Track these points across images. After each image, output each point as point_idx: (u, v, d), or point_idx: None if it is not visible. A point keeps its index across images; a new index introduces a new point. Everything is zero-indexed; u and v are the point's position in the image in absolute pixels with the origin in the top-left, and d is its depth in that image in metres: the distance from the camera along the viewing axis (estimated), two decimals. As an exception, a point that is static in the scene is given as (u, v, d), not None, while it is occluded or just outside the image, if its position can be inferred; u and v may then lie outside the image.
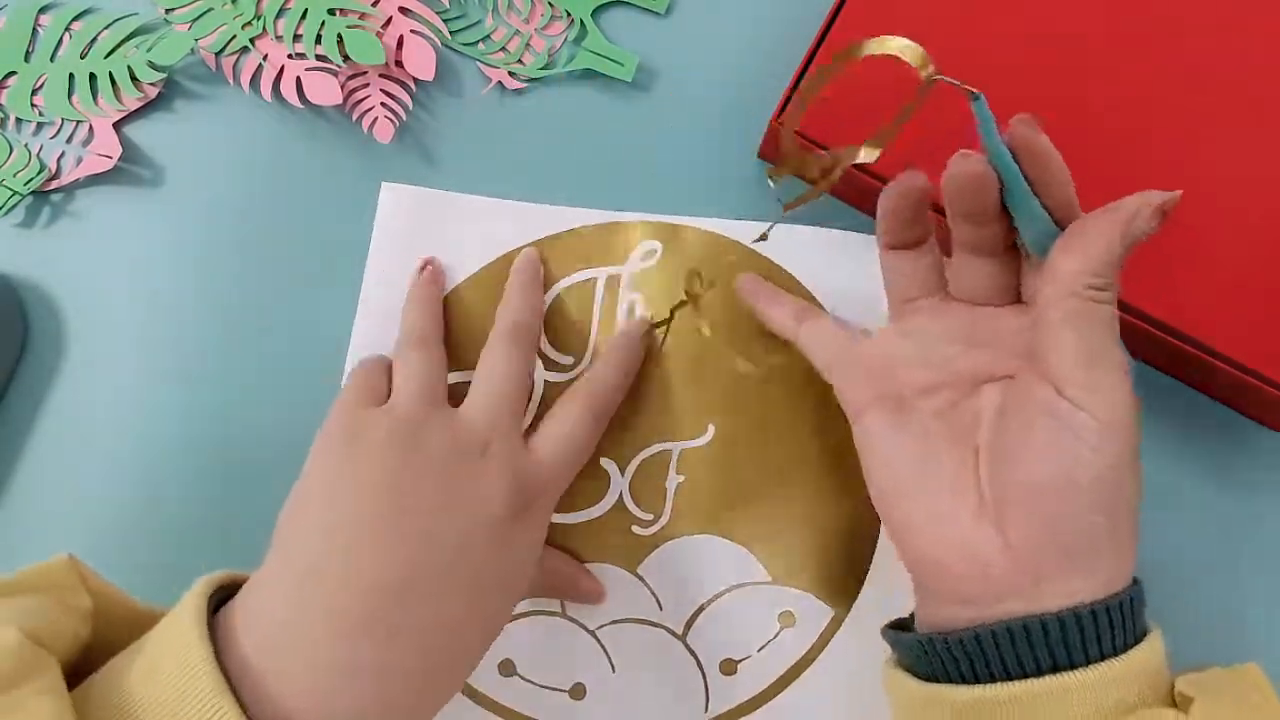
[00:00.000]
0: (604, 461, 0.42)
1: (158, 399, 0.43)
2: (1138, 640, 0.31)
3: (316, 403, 0.42)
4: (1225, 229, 0.40)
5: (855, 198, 0.45)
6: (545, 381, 0.42)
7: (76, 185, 0.45)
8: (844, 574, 0.41)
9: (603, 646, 0.41)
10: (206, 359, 0.43)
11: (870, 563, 0.41)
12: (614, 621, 0.41)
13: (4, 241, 0.44)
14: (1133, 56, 0.42)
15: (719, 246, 0.44)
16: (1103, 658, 0.30)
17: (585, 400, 0.39)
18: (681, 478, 0.42)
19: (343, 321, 0.43)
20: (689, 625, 0.41)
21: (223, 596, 0.32)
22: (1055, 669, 0.30)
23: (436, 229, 0.44)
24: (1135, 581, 0.32)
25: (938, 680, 0.32)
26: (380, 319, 0.43)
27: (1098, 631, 0.30)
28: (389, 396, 0.37)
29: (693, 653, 0.41)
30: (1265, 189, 0.40)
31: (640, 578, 0.41)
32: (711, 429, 0.42)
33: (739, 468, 0.42)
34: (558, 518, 0.41)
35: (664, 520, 0.42)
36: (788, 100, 0.41)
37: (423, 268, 0.43)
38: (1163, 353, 0.42)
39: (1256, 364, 0.39)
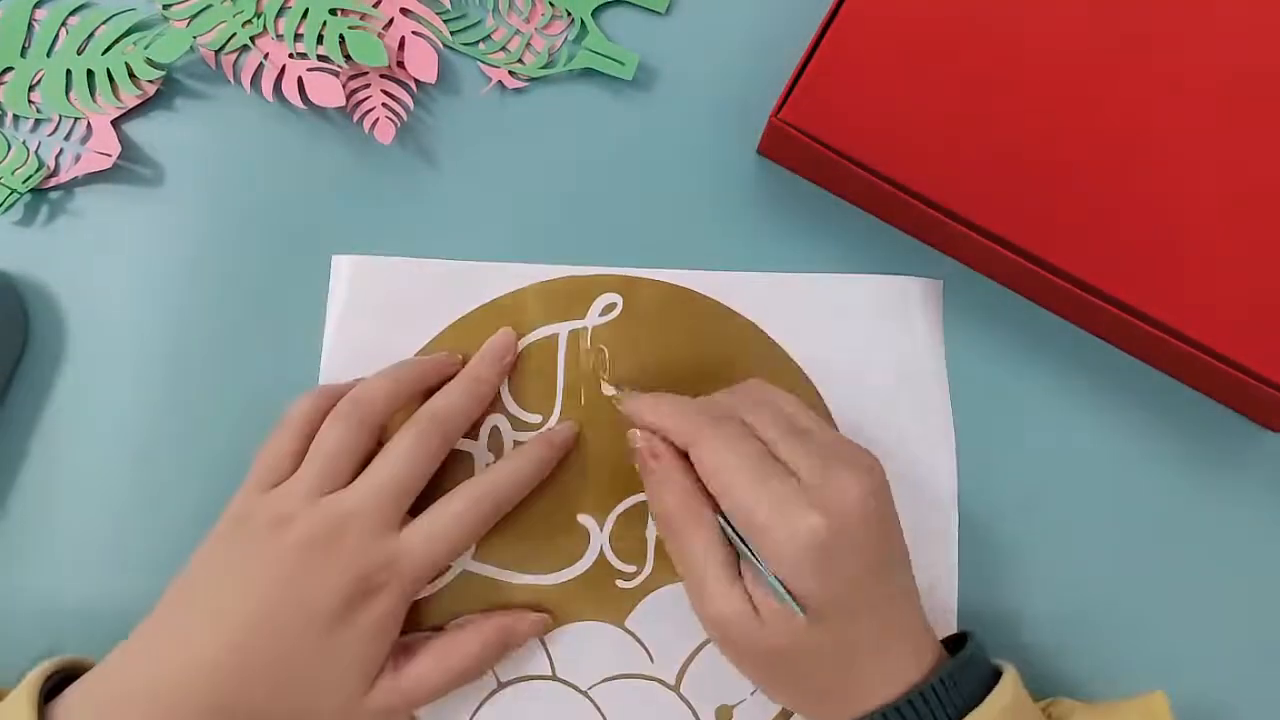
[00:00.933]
0: (582, 518, 0.42)
1: (157, 396, 0.43)
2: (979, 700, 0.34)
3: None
4: (1225, 229, 0.40)
5: (855, 196, 0.45)
6: (515, 442, 0.42)
7: (75, 183, 0.45)
8: None
9: (597, 706, 0.40)
10: (205, 357, 0.43)
11: None
12: (606, 679, 0.41)
13: (3, 239, 0.44)
14: (1132, 56, 0.42)
15: (677, 297, 0.44)
16: None
17: (472, 500, 0.38)
18: None
19: (343, 320, 0.43)
20: (681, 675, 0.41)
21: (62, 680, 0.35)
22: None
23: (392, 297, 0.43)
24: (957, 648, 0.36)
25: None
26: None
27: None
28: (293, 466, 0.38)
29: (687, 703, 0.40)
30: (1265, 189, 0.41)
31: (629, 631, 0.41)
32: None
33: None
34: (539, 579, 0.41)
35: (647, 571, 0.41)
36: (787, 98, 0.41)
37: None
38: (1163, 353, 0.42)
39: (1256, 364, 0.39)
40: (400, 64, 0.46)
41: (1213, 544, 0.42)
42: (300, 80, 0.45)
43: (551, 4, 0.47)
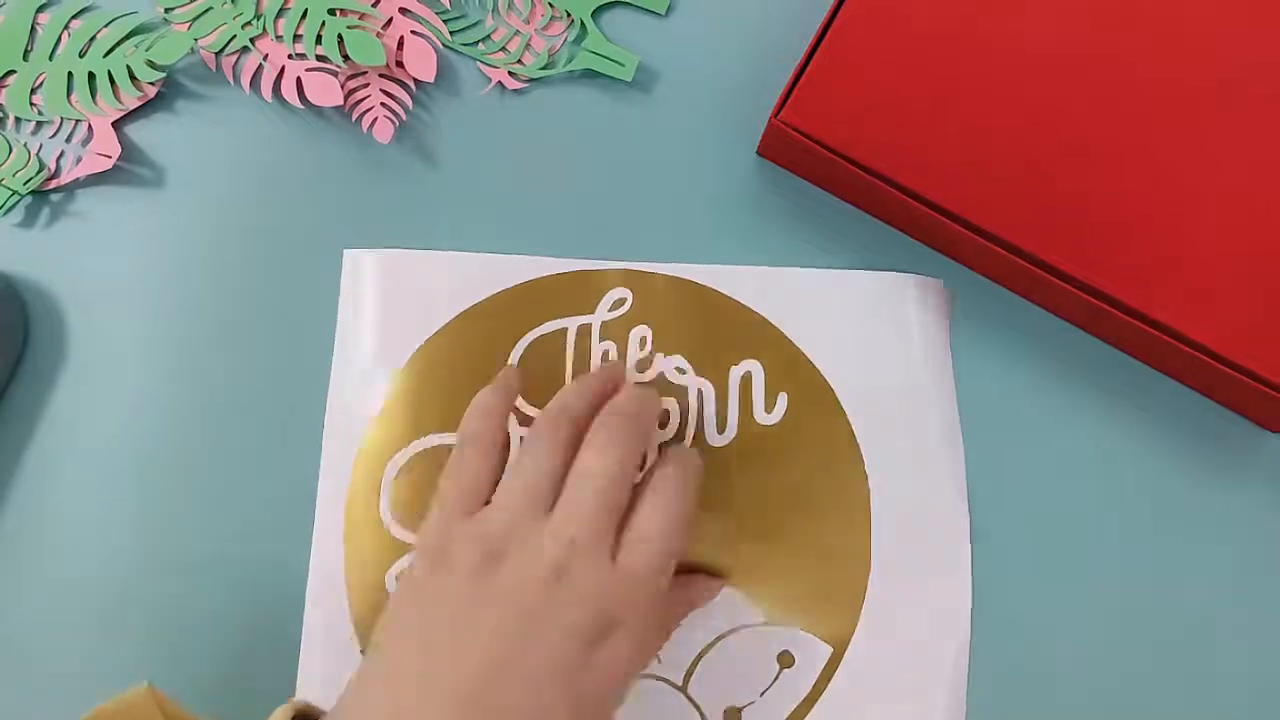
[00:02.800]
0: None
1: (158, 398, 0.43)
2: None
3: (315, 401, 0.42)
4: (1225, 229, 0.40)
5: (855, 196, 0.45)
6: (522, 439, 0.40)
7: (76, 185, 0.45)
8: (838, 610, 0.40)
9: None
10: (206, 358, 0.43)
11: (864, 597, 0.41)
12: None
13: (3, 241, 0.44)
14: (1134, 57, 0.42)
15: (687, 290, 0.44)
16: None
17: (677, 483, 0.34)
18: None
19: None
20: (689, 675, 0.40)
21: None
22: None
23: (402, 288, 0.43)
24: None
25: None
26: (356, 388, 0.42)
27: None
28: (490, 488, 0.35)
29: (695, 704, 0.40)
30: (1265, 189, 0.40)
31: None
32: None
33: (726, 515, 0.41)
34: None
35: None
36: (787, 98, 0.41)
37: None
38: (1163, 353, 0.42)
39: (1257, 365, 0.39)
40: (399, 63, 0.46)
41: (1213, 544, 0.42)
42: (299, 80, 0.45)
43: (551, 4, 0.47)
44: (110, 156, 0.44)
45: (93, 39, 0.46)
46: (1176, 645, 0.41)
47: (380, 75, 0.46)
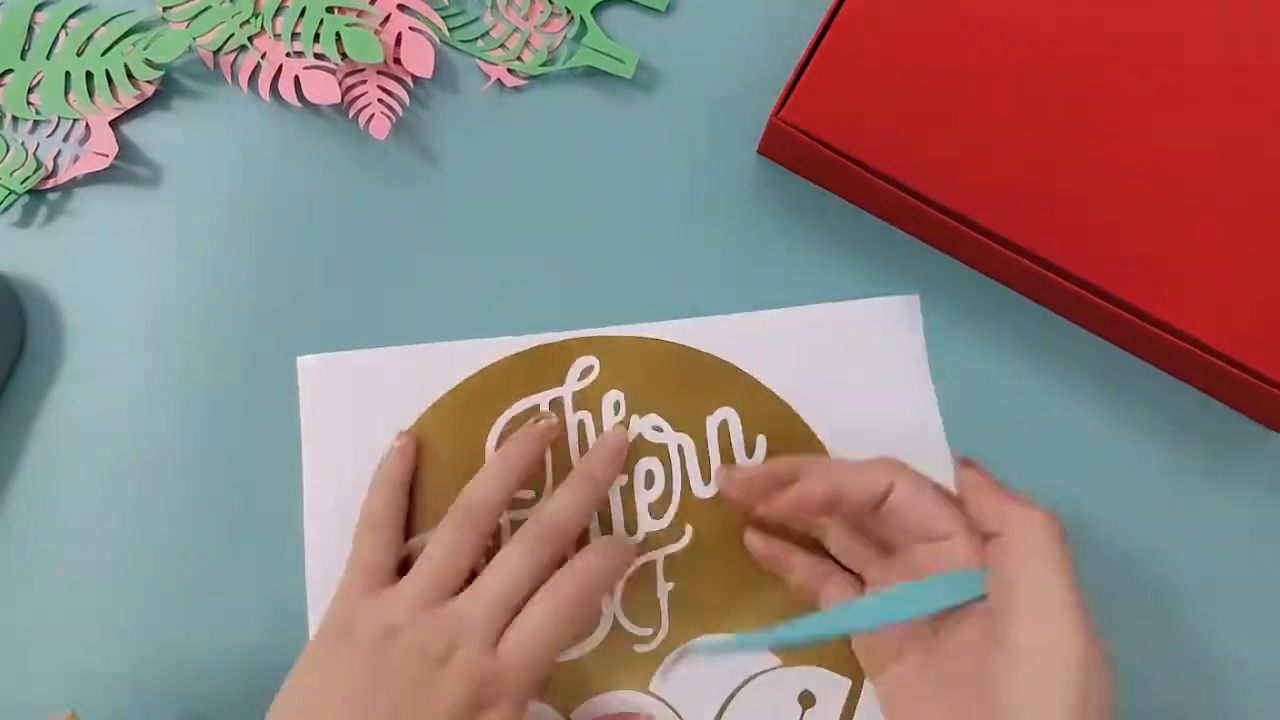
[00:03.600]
0: None
1: (155, 397, 0.43)
2: None
3: (316, 403, 0.42)
4: (1227, 228, 0.40)
5: (855, 196, 0.45)
6: (510, 520, 0.41)
7: (73, 184, 0.45)
8: (849, 642, 0.40)
9: None
10: (204, 357, 0.43)
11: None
12: None
13: (1, 240, 0.44)
14: (1134, 57, 0.42)
15: (652, 349, 0.43)
16: None
17: (557, 601, 0.36)
18: (671, 584, 0.41)
19: (342, 320, 0.43)
20: None
21: None
22: None
23: (361, 392, 0.43)
24: None
25: None
26: (330, 494, 0.41)
27: None
28: (394, 569, 0.38)
29: None
30: (1265, 189, 0.40)
31: (656, 695, 0.40)
32: (689, 530, 0.41)
33: (725, 561, 0.41)
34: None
35: (664, 632, 0.40)
36: (787, 97, 0.41)
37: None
38: (1164, 352, 0.42)
39: (1256, 364, 0.39)
40: (397, 60, 0.46)
41: (1213, 544, 0.42)
42: (297, 79, 0.45)
43: (551, 1, 0.47)
44: (108, 155, 0.44)
45: (90, 38, 0.45)
46: (1176, 645, 0.41)
47: (378, 72, 0.46)
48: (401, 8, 0.46)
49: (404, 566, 0.38)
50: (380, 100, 0.45)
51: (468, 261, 0.44)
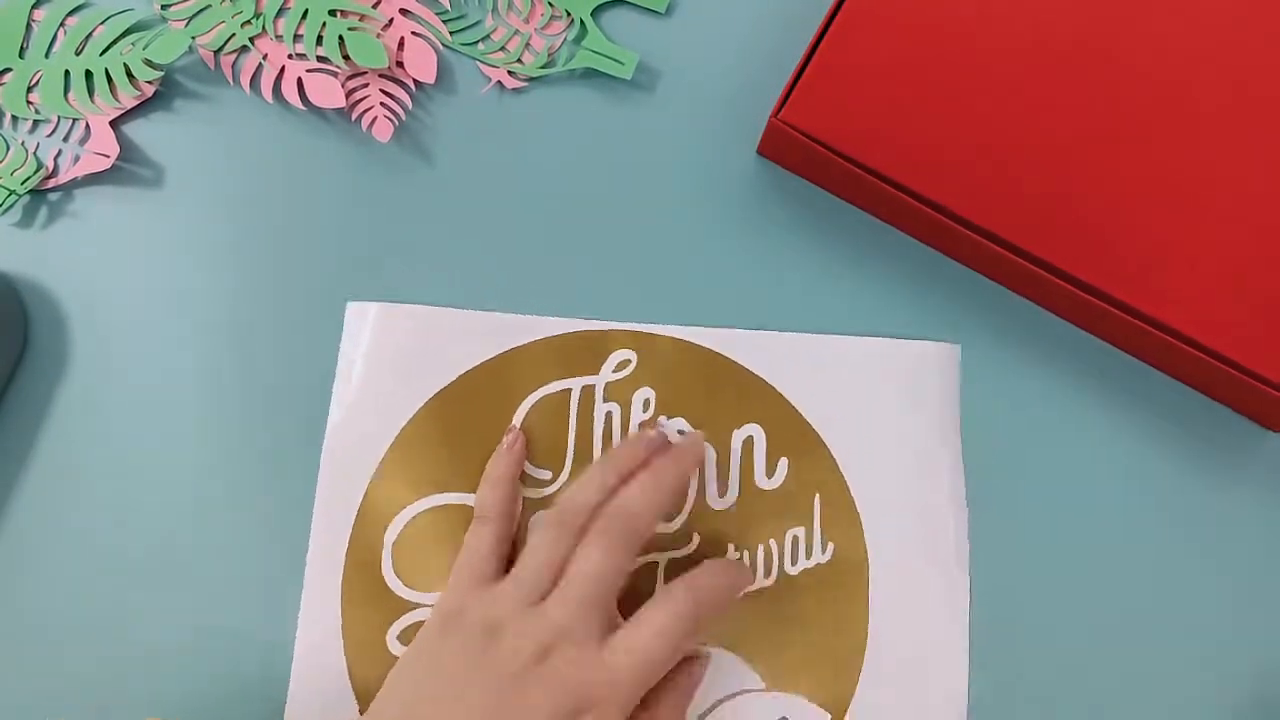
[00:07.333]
0: None
1: (156, 396, 0.43)
2: None
3: (314, 400, 0.42)
4: (1225, 229, 0.40)
5: (855, 196, 0.45)
6: (524, 499, 0.41)
7: (74, 184, 0.45)
8: (837, 676, 0.40)
9: None
10: (205, 357, 0.43)
11: (863, 662, 0.40)
12: None
13: (1, 241, 0.44)
14: (1134, 57, 0.42)
15: (692, 354, 0.43)
16: None
17: (676, 616, 0.36)
18: None
19: (340, 320, 0.43)
20: None
21: None
22: None
23: (406, 345, 0.43)
24: None
25: None
26: (353, 448, 0.42)
27: None
28: (502, 563, 0.39)
29: None
30: (1265, 189, 0.41)
31: None
32: (696, 538, 0.41)
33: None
34: None
35: None
36: (787, 98, 0.41)
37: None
38: (1163, 353, 0.42)
39: (1256, 364, 0.39)
40: (399, 64, 0.46)
41: (1213, 544, 0.42)
42: (300, 81, 0.45)
43: (551, 4, 0.47)
44: (108, 156, 0.44)
45: (89, 36, 0.45)
46: (1177, 645, 0.41)
47: (380, 75, 0.46)
48: (404, 12, 0.47)
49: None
50: (383, 104, 0.46)
51: (468, 261, 0.44)
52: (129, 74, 0.45)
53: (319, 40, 0.45)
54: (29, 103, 0.45)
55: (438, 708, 0.35)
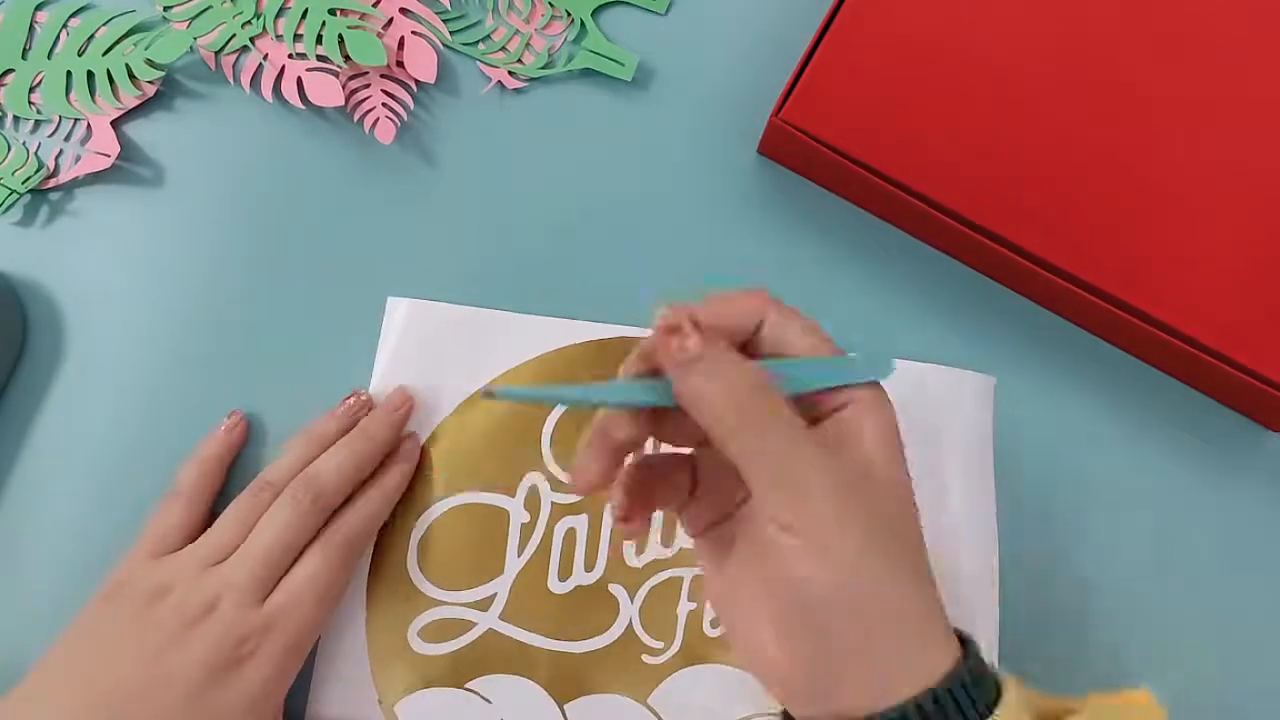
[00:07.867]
0: (613, 587, 0.41)
1: (156, 397, 0.43)
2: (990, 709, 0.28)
3: (315, 399, 0.42)
4: (1226, 229, 0.40)
5: (855, 196, 0.45)
6: (553, 504, 0.41)
7: (75, 184, 0.45)
8: None
9: None
10: (205, 358, 0.43)
11: None
12: None
13: (2, 240, 0.44)
14: (1134, 57, 0.42)
15: None
16: None
17: (324, 554, 0.38)
18: (693, 605, 0.40)
19: (340, 321, 0.43)
20: None
21: None
22: None
23: (445, 345, 0.43)
24: (963, 657, 0.28)
25: None
26: None
27: None
28: (187, 538, 0.38)
29: None
30: (1265, 188, 0.41)
31: (651, 709, 0.40)
32: None
33: None
34: (566, 646, 0.40)
35: (675, 649, 0.40)
36: (787, 98, 0.41)
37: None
38: (1163, 352, 0.42)
39: (1256, 364, 0.39)
40: (400, 64, 0.46)
41: (1213, 543, 0.42)
42: (300, 80, 0.45)
43: (551, 4, 0.47)
44: (109, 155, 0.44)
45: (91, 37, 0.45)
46: (1177, 645, 0.41)
47: (381, 75, 0.46)
48: (404, 11, 0.47)
49: None
50: (385, 104, 0.46)
51: (468, 262, 0.44)
52: (130, 74, 0.45)
53: (319, 39, 0.45)
54: (31, 103, 0.45)
55: (88, 673, 0.35)
